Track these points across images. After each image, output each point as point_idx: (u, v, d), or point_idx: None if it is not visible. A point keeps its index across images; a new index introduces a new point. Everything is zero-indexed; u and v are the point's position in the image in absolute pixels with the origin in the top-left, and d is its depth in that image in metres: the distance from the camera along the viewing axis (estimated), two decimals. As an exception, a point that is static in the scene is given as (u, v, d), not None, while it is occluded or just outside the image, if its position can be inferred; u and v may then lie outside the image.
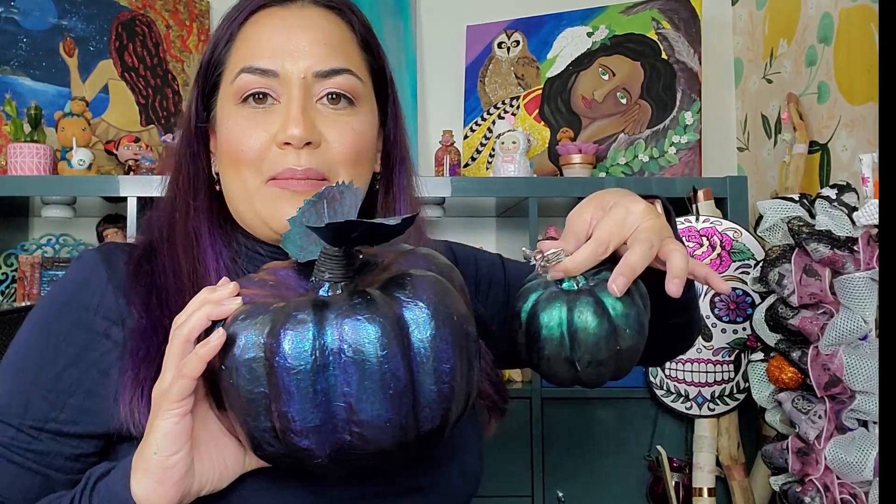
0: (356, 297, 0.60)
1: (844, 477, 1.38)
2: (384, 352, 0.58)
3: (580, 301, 0.71)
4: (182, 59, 2.23)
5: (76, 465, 0.76)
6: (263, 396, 0.59)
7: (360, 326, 0.58)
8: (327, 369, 0.58)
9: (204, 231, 0.82)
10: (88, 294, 0.79)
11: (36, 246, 2.11)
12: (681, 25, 2.13)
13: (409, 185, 0.89)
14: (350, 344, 0.58)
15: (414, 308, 0.60)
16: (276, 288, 0.66)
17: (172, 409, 0.62)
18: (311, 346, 0.58)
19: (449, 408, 0.61)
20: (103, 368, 0.76)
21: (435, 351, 0.60)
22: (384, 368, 0.58)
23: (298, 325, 0.58)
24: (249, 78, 0.79)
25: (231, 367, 0.60)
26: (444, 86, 2.33)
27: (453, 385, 0.61)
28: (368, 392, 0.58)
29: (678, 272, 0.71)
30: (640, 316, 0.72)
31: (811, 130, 1.87)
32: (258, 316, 0.60)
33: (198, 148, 0.84)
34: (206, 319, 0.62)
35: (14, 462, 0.75)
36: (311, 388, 0.58)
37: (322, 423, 0.59)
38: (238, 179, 0.80)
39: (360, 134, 0.81)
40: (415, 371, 0.59)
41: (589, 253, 0.71)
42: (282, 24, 0.81)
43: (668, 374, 1.86)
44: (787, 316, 1.46)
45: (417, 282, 0.61)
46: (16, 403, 0.76)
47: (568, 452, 1.91)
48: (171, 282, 0.79)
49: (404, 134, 0.89)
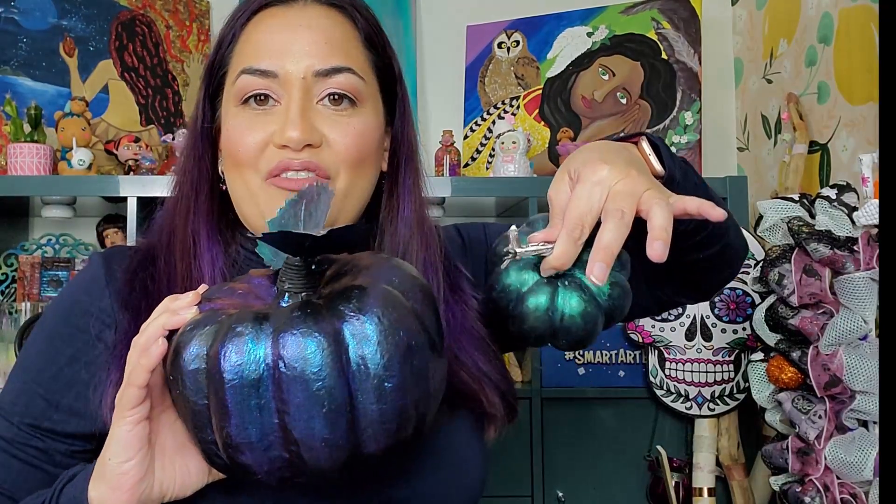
0: (297, 310, 0.58)
1: (844, 477, 1.38)
2: (317, 368, 0.55)
3: (564, 287, 0.69)
4: (182, 59, 2.23)
5: (72, 461, 0.78)
6: (206, 409, 0.58)
7: (295, 341, 0.56)
8: (262, 384, 0.56)
9: (202, 234, 0.82)
10: (88, 297, 0.80)
11: (36, 246, 2.11)
12: (681, 25, 2.13)
13: (416, 185, 0.87)
14: (284, 359, 0.56)
15: (355, 322, 0.57)
16: (244, 297, 0.65)
17: (125, 417, 0.62)
18: (246, 360, 0.56)
19: (397, 427, 0.58)
20: (93, 371, 0.77)
21: (376, 368, 0.56)
22: (318, 385, 0.55)
23: (236, 338, 0.57)
24: (250, 79, 0.79)
25: (177, 378, 0.59)
26: (444, 86, 2.33)
27: (400, 404, 0.57)
28: (302, 409, 0.56)
29: (657, 233, 0.64)
30: (623, 285, 0.70)
31: (811, 130, 1.87)
32: (205, 327, 0.59)
33: (203, 148, 0.84)
34: (161, 329, 0.62)
35: (17, 458, 0.77)
36: (247, 403, 0.56)
37: (258, 439, 0.57)
38: (240, 179, 0.80)
39: (362, 134, 0.80)
40: (353, 389, 0.57)
41: (567, 245, 0.67)
42: (282, 24, 0.80)
43: (668, 374, 1.86)
44: (787, 316, 1.46)
45: (365, 295, 0.58)
46: (19, 402, 0.78)
47: (568, 452, 1.91)
48: (164, 288, 0.80)
49: (412, 133, 0.88)
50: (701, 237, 0.82)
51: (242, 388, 0.56)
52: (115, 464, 0.63)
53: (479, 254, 0.94)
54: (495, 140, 2.09)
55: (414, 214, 0.86)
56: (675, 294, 0.92)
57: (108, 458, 0.64)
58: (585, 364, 1.93)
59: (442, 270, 0.86)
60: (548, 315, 0.69)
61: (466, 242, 0.95)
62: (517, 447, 1.88)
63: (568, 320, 0.69)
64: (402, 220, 0.85)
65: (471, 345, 0.84)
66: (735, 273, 0.92)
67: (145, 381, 0.61)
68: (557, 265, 0.68)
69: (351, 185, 0.80)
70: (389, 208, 0.86)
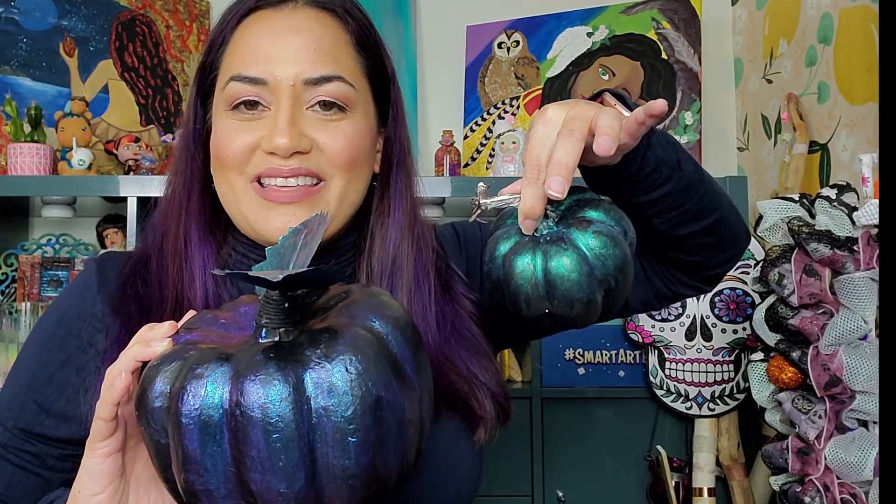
0: (260, 353, 0.54)
1: (844, 477, 1.38)
2: (275, 418, 0.52)
3: (547, 242, 0.67)
4: (182, 59, 2.23)
5: (66, 464, 0.78)
6: (167, 448, 0.56)
7: (254, 388, 0.52)
8: (219, 430, 0.53)
9: (194, 236, 0.82)
10: (80, 302, 0.80)
11: (36, 246, 2.11)
12: (681, 25, 2.13)
13: (408, 187, 0.86)
14: (241, 406, 0.52)
15: (319, 370, 0.53)
16: (225, 327, 0.62)
17: (95, 450, 0.61)
18: (204, 404, 0.53)
19: (364, 483, 0.54)
20: (84, 376, 0.77)
21: (339, 421, 0.52)
22: (275, 436, 0.52)
23: (195, 380, 0.54)
24: (239, 86, 0.78)
25: (142, 414, 0.56)
26: (444, 86, 2.32)
27: (364, 460, 0.53)
28: (258, 461, 0.52)
29: (602, 129, 0.65)
30: (618, 243, 0.67)
31: (811, 130, 1.87)
32: (171, 363, 0.56)
33: (195, 149, 0.83)
34: (132, 360, 0.60)
35: (11, 462, 0.77)
36: (205, 449, 0.53)
37: (215, 487, 0.54)
38: (224, 182, 0.80)
39: (352, 139, 0.79)
40: (314, 441, 0.53)
41: (530, 188, 0.66)
42: (271, 29, 0.79)
43: (668, 373, 1.86)
44: (787, 316, 1.46)
45: (334, 340, 0.54)
46: (13, 406, 0.78)
47: (568, 452, 1.91)
48: (155, 292, 0.79)
49: (405, 134, 0.87)
50: (692, 204, 0.81)
51: (200, 433, 0.53)
52: (85, 496, 0.62)
53: (474, 252, 0.93)
54: (495, 140, 2.09)
55: (405, 217, 0.85)
56: (677, 283, 0.91)
57: (79, 489, 0.62)
58: (585, 364, 1.93)
59: (434, 272, 0.86)
60: (532, 270, 0.66)
61: (462, 240, 0.95)
62: (517, 447, 1.88)
63: (556, 275, 0.65)
64: (394, 223, 0.84)
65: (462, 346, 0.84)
66: (736, 256, 0.91)
67: (111, 414, 0.60)
68: (528, 211, 0.66)
69: (345, 189, 0.80)
70: (380, 211, 0.85)
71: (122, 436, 0.62)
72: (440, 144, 2.11)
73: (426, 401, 0.60)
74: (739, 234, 0.90)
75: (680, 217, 0.82)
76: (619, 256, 0.66)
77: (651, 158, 0.77)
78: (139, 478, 0.64)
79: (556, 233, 0.67)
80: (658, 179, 0.78)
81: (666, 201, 0.80)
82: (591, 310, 0.67)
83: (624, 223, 0.69)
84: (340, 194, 0.80)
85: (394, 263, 0.83)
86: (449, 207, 2.10)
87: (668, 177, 0.78)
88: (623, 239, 0.67)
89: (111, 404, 0.59)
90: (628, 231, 0.69)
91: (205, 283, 0.80)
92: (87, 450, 0.61)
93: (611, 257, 0.66)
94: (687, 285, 0.91)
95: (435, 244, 0.89)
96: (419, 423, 0.59)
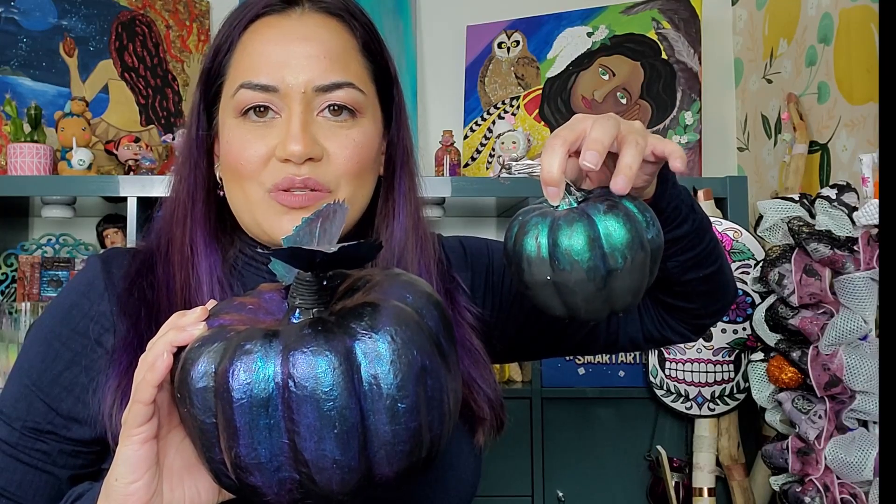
0: (307, 327, 0.56)
1: (844, 477, 1.38)
2: (328, 387, 0.54)
3: (565, 217, 0.66)
4: (182, 59, 2.23)
5: (77, 460, 0.78)
6: (214, 428, 0.57)
7: (305, 359, 0.54)
8: (272, 403, 0.55)
9: (199, 243, 0.82)
10: (87, 301, 0.80)
11: (36, 246, 2.11)
12: (681, 25, 2.13)
13: (412, 189, 0.87)
14: (294, 378, 0.54)
15: (367, 341, 0.55)
16: (254, 312, 0.64)
17: (132, 436, 0.61)
18: (255, 379, 0.55)
19: (410, 449, 0.57)
20: (92, 375, 0.77)
21: (389, 388, 0.55)
22: (328, 405, 0.54)
23: (245, 356, 0.55)
24: (249, 94, 0.78)
25: (185, 396, 0.58)
26: (444, 86, 2.33)
27: (413, 426, 0.56)
28: (312, 430, 0.54)
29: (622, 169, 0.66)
30: (633, 224, 0.66)
31: (811, 130, 1.87)
32: (213, 343, 0.58)
33: (199, 155, 0.83)
34: (168, 346, 0.60)
35: (22, 462, 0.77)
36: (256, 423, 0.55)
37: (267, 460, 0.55)
38: (240, 191, 0.80)
39: (361, 145, 0.80)
40: (365, 409, 0.55)
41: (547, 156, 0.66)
42: (280, 36, 0.79)
43: (668, 374, 1.86)
44: (787, 316, 1.46)
45: (378, 312, 0.57)
46: (20, 406, 0.78)
47: (568, 452, 1.91)
48: (163, 297, 0.79)
49: (408, 136, 0.88)
50: (701, 248, 0.84)
51: (251, 408, 0.55)
52: (121, 485, 0.61)
53: (479, 268, 0.95)
54: (495, 140, 2.09)
55: (409, 219, 0.86)
56: (668, 328, 0.94)
57: (115, 478, 0.62)
58: (585, 364, 1.94)
59: (437, 276, 0.86)
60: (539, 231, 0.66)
61: (468, 255, 0.96)
62: (517, 447, 1.88)
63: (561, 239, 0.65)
64: (399, 224, 0.85)
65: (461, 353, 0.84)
66: (724, 309, 0.94)
67: (151, 396, 0.60)
68: (546, 175, 0.66)
69: (352, 197, 0.80)
70: (385, 213, 0.86)
71: (157, 422, 0.62)
72: (440, 144, 2.12)
73: (456, 374, 0.62)
74: (732, 287, 0.94)
75: (689, 261, 0.85)
76: (630, 238, 0.65)
77: (673, 195, 0.80)
78: (171, 468, 0.64)
79: (574, 208, 0.68)
80: (677, 218, 0.81)
81: (682, 242, 0.83)
82: (592, 284, 0.65)
83: (648, 215, 0.68)
84: (348, 201, 0.79)
85: (399, 264, 0.84)
86: (449, 207, 2.11)
87: (686, 217, 0.81)
88: (642, 226, 0.66)
89: (152, 386, 0.59)
90: (652, 224, 0.68)
91: (212, 289, 0.80)
92: (123, 437, 0.61)
93: (620, 234, 0.65)
94: (676, 331, 0.95)
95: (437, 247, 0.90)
96: (455, 394, 0.61)
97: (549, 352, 0.99)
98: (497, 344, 0.94)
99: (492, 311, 0.93)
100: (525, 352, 0.99)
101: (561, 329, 0.94)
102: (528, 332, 0.95)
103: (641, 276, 0.67)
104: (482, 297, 0.93)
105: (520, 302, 0.93)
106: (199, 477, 0.65)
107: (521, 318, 0.94)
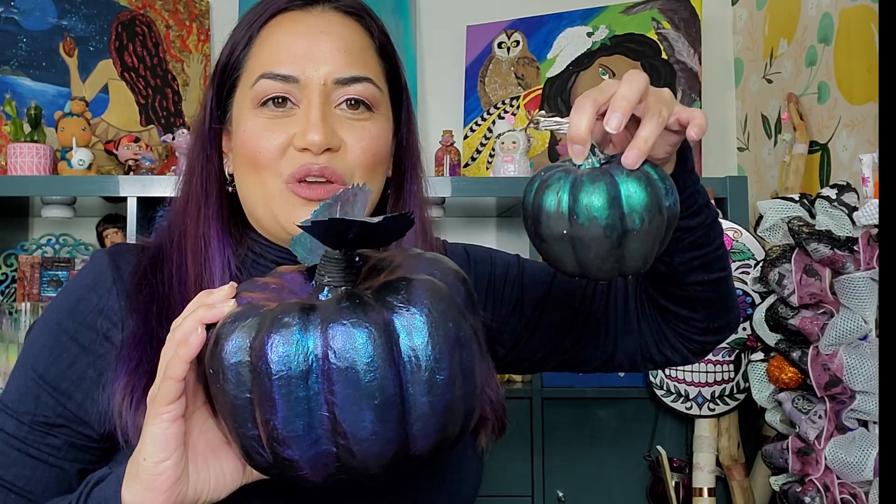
0: (344, 301, 0.57)
1: (844, 477, 1.38)
2: (368, 359, 0.54)
3: (590, 175, 0.66)
4: (182, 59, 2.23)
5: (86, 455, 0.78)
6: (249, 402, 0.57)
7: (345, 331, 0.55)
8: (311, 375, 0.55)
9: (213, 237, 0.82)
10: (95, 296, 0.80)
11: (36, 246, 2.11)
12: (681, 25, 2.13)
13: (420, 190, 0.88)
14: (334, 350, 0.55)
15: (405, 314, 0.56)
16: (278, 291, 0.64)
17: (161, 414, 0.61)
18: (294, 351, 0.55)
19: (445, 422, 0.57)
20: (100, 370, 0.77)
21: (427, 360, 0.56)
22: (369, 377, 0.54)
23: (283, 329, 0.56)
24: (269, 84, 0.79)
25: (218, 371, 0.58)
26: (444, 86, 2.33)
27: (449, 398, 0.57)
28: (352, 401, 0.55)
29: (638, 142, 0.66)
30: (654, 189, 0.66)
31: (811, 130, 1.87)
32: (247, 319, 0.58)
33: (210, 150, 0.84)
34: (198, 322, 0.60)
35: (31, 456, 0.77)
36: (295, 395, 0.55)
37: (305, 432, 0.56)
38: (257, 182, 0.80)
39: (377, 139, 0.81)
40: (404, 381, 0.56)
41: (576, 114, 0.65)
42: (303, 30, 0.80)
43: (668, 373, 1.86)
44: (787, 316, 1.46)
45: (413, 286, 0.58)
46: (27, 400, 0.78)
47: (568, 452, 1.91)
48: (175, 292, 0.79)
49: (417, 139, 0.89)
50: (710, 249, 0.84)
51: (290, 380, 0.55)
52: (150, 464, 0.61)
53: (482, 275, 0.95)
54: (495, 140, 2.09)
55: (419, 221, 0.86)
56: (667, 344, 0.92)
57: (143, 458, 0.62)
58: (585, 364, 1.93)
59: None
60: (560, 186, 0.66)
61: (472, 262, 0.96)
62: (517, 447, 1.88)
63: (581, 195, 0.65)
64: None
65: None
66: (728, 329, 0.92)
67: (184, 372, 0.60)
68: (573, 133, 0.66)
69: None
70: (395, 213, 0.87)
71: (185, 400, 0.62)
72: (440, 144, 2.12)
73: (483, 349, 0.63)
74: (736, 309, 0.92)
75: (696, 260, 0.84)
76: (650, 201, 0.66)
77: (691, 181, 0.80)
78: (195, 448, 0.64)
79: (597, 167, 0.68)
80: (693, 206, 0.80)
81: (693, 234, 0.82)
82: (608, 242, 0.66)
83: (668, 183, 0.68)
84: None
85: None
86: (449, 207, 2.11)
87: (700, 209, 0.81)
88: (662, 192, 0.67)
89: (185, 361, 0.60)
90: (671, 192, 0.69)
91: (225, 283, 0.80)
92: (151, 415, 0.61)
93: (641, 197, 0.65)
94: (675, 348, 0.93)
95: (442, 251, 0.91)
96: (480, 369, 0.61)
97: (543, 364, 0.99)
98: (500, 349, 0.94)
99: (491, 319, 0.93)
100: (519, 363, 0.99)
101: (557, 341, 0.95)
102: (524, 342, 0.95)
103: (654, 241, 0.67)
104: (483, 305, 0.93)
105: (518, 312, 0.94)
106: (224, 458, 0.65)
107: (519, 329, 0.94)
